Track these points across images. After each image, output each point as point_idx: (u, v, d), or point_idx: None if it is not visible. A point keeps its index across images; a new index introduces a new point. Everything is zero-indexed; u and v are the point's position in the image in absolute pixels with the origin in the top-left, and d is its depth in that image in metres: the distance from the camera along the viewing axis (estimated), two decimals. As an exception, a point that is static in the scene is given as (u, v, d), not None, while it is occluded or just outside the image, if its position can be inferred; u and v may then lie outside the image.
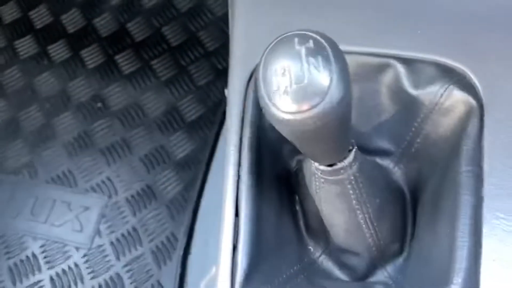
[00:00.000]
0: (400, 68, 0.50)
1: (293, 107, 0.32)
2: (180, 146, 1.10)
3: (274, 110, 0.33)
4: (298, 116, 0.32)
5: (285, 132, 0.36)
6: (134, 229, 1.03)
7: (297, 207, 0.56)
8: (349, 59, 0.52)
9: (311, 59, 0.32)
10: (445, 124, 0.49)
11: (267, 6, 0.54)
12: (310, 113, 0.32)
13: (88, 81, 1.22)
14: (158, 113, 1.14)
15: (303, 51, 0.32)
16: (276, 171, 0.56)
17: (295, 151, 0.56)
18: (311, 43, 0.32)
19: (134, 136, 1.13)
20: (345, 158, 0.41)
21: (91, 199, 1.07)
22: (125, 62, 1.23)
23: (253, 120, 0.51)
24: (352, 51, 0.51)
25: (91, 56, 1.24)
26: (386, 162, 0.57)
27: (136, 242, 1.01)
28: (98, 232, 1.03)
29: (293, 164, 0.57)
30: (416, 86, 0.50)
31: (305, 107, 0.32)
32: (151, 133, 1.12)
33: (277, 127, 0.36)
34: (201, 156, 1.07)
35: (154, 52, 1.23)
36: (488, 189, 0.44)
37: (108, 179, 1.09)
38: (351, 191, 0.44)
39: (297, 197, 0.56)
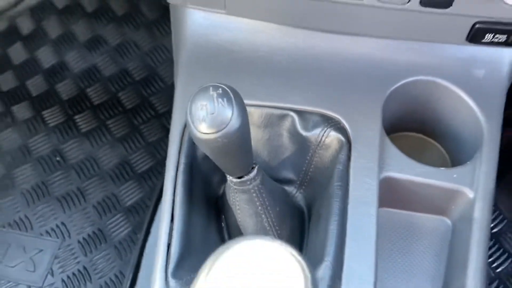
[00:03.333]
0: (295, 117, 0.69)
1: (208, 130, 0.49)
2: (130, 194, 1.24)
3: (196, 132, 0.50)
4: (211, 136, 0.50)
5: (203, 148, 0.53)
6: (85, 268, 1.13)
7: (223, 225, 0.72)
8: (259, 110, 0.71)
9: (220, 100, 0.50)
10: (326, 156, 0.68)
11: (200, 74, 0.74)
12: (218, 134, 0.49)
13: (48, 137, 1.35)
14: (111, 165, 1.29)
15: (214, 95, 0.50)
16: (207, 196, 0.72)
17: (222, 181, 0.73)
18: (220, 90, 0.50)
19: (88, 186, 1.26)
20: (250, 172, 0.58)
21: (45, 242, 1.17)
22: (83, 121, 1.38)
23: (188, 153, 0.68)
24: (261, 104, 0.70)
25: (52, 115, 1.39)
26: (290, 189, 0.75)
27: (86, 280, 1.11)
28: (50, 272, 1.13)
29: (220, 191, 0.74)
30: (306, 129, 0.69)
31: (214, 130, 0.49)
32: (104, 182, 1.26)
33: (198, 144, 0.53)
34: (149, 202, 1.21)
35: (110, 113, 1.39)
36: (351, 198, 0.62)
37: (62, 223, 1.20)
38: (256, 199, 0.60)
39: (223, 216, 0.72)
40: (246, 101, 0.70)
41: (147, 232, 1.15)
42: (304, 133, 0.69)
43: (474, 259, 0.60)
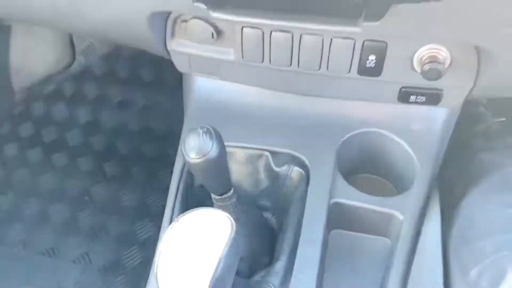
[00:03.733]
0: (269, 156, 0.90)
1: (195, 156, 0.70)
2: (145, 229, 1.44)
3: (187, 157, 0.71)
4: (196, 161, 0.70)
5: (193, 170, 0.73)
6: (102, 291, 1.32)
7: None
8: (243, 151, 0.92)
9: (204, 136, 0.71)
10: (292, 186, 0.88)
11: (201, 123, 0.96)
12: (202, 159, 0.70)
13: (80, 180, 1.58)
14: (131, 205, 1.50)
15: (201, 132, 0.71)
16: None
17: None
18: (205, 129, 0.72)
19: (110, 221, 1.47)
20: (228, 192, 0.78)
21: (71, 267, 1.37)
22: (110, 168, 1.61)
23: (186, 182, 0.90)
24: (244, 146, 0.92)
25: (85, 162, 1.62)
26: (267, 214, 0.94)
27: (103, 300, 1.30)
28: (72, 292, 1.32)
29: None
30: (277, 166, 0.90)
31: (200, 156, 0.70)
32: (124, 219, 1.47)
33: (189, 167, 0.73)
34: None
35: (133, 161, 1.61)
36: (306, 215, 0.81)
37: (86, 253, 1.40)
38: (233, 214, 0.80)
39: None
40: (233, 143, 0.92)
41: (157, 262, 1.33)
42: (276, 168, 0.90)
43: (396, 265, 0.77)
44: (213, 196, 0.79)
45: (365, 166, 0.99)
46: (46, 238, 1.44)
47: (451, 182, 1.08)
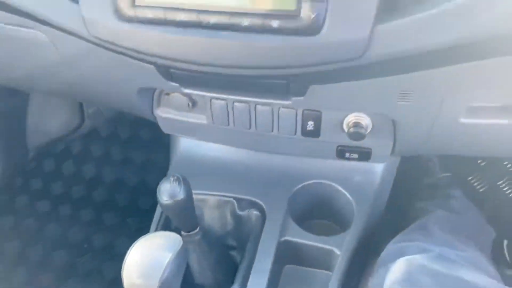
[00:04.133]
0: (234, 202, 1.10)
1: (166, 199, 0.89)
2: (137, 273, 1.61)
3: (160, 200, 0.90)
4: (167, 203, 0.89)
5: (165, 210, 0.92)
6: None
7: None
8: (213, 198, 1.12)
9: (174, 182, 0.91)
10: (251, 226, 1.07)
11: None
12: (171, 202, 0.88)
13: (80, 229, 1.77)
14: (127, 251, 1.67)
15: (172, 179, 0.91)
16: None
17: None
18: (175, 177, 0.92)
19: (106, 267, 1.64)
20: (194, 230, 0.97)
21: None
22: (109, 218, 1.80)
23: (164, 224, 1.09)
24: (214, 194, 1.12)
25: (86, 213, 1.82)
26: (234, 253, 1.12)
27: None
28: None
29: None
30: (241, 210, 1.09)
31: (169, 199, 0.89)
32: (118, 265, 1.62)
33: (162, 209, 0.93)
34: (150, 279, 1.57)
35: (131, 212, 1.81)
36: (259, 251, 0.99)
37: (85, 294, 1.57)
38: (198, 248, 0.98)
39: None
40: (206, 191, 1.12)
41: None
42: (239, 212, 1.09)
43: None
44: (182, 233, 0.98)
45: (315, 211, 1.18)
46: (48, 281, 1.61)
47: (392, 228, 1.26)
